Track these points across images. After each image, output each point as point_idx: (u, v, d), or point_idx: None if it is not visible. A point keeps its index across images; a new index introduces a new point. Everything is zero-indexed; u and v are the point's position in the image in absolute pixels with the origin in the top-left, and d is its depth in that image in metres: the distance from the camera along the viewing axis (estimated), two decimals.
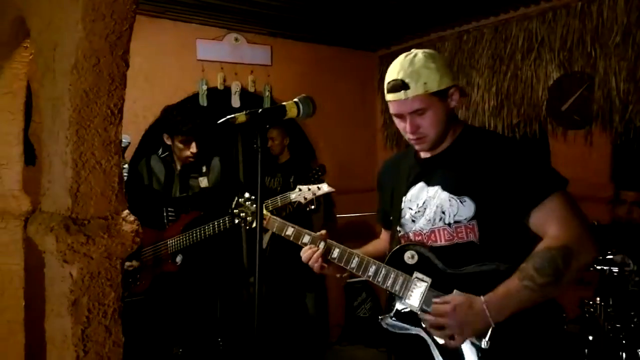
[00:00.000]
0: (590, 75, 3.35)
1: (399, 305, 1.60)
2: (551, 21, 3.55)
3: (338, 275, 1.80)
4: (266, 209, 1.82)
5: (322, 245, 1.74)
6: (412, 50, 1.59)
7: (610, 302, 2.75)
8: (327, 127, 4.68)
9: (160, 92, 3.81)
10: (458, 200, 1.54)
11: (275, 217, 1.91)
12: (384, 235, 1.94)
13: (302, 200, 2.73)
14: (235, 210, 2.13)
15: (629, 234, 2.99)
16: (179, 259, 2.82)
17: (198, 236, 2.74)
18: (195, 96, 4.00)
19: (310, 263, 1.75)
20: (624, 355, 2.67)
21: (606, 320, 2.72)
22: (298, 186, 2.78)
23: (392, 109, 1.58)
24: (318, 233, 1.79)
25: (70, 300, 1.34)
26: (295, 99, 1.40)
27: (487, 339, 1.42)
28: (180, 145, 2.83)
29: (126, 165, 2.58)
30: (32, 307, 2.33)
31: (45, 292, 1.46)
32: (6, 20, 2.03)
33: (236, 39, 4.17)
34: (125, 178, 2.78)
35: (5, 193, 2.37)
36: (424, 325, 1.53)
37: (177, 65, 3.92)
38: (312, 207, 2.77)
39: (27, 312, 2.39)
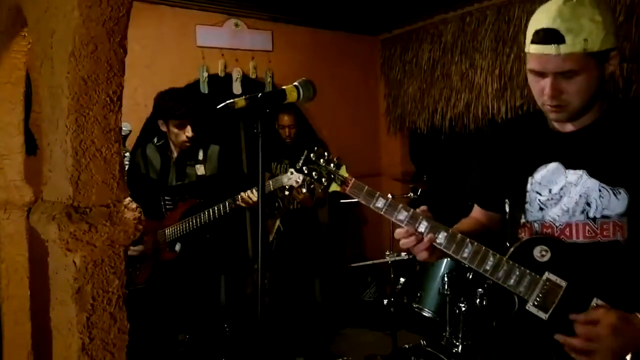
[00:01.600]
0: None
1: (520, 308, 1.34)
2: None
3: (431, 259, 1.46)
4: (347, 171, 1.52)
5: (423, 225, 1.38)
6: None
7: None
8: (330, 112, 4.66)
9: (161, 79, 3.79)
10: (611, 192, 1.28)
11: (361, 183, 1.50)
12: (478, 213, 1.63)
13: (294, 184, 2.57)
14: (304, 168, 1.60)
15: None
16: (177, 247, 2.82)
17: (195, 224, 2.73)
18: (195, 84, 3.98)
19: (413, 249, 1.41)
20: None
21: None
22: (290, 169, 2.56)
23: (534, 64, 1.29)
24: (419, 209, 1.44)
25: (74, 288, 1.34)
26: (295, 83, 1.38)
27: (629, 357, 1.22)
28: (176, 130, 2.79)
29: (127, 154, 2.58)
30: (38, 296, 2.35)
31: (50, 280, 1.47)
32: (3, 9, 2.01)
33: (236, 25, 4.14)
34: (127, 167, 2.78)
35: (8, 184, 2.38)
36: (562, 343, 1.27)
37: (177, 52, 3.90)
38: (304, 190, 2.67)
39: (33, 301, 2.41)
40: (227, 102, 1.29)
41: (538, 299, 1.31)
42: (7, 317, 2.36)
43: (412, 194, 3.73)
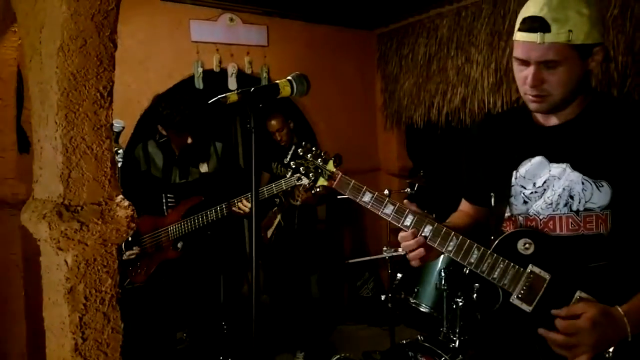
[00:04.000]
0: None
1: (504, 300, 1.34)
2: None
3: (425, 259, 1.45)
4: (334, 165, 1.52)
5: (409, 219, 1.39)
6: None
7: None
8: (326, 108, 4.63)
9: (155, 75, 3.76)
10: (594, 184, 1.28)
11: (348, 177, 1.51)
12: (467, 207, 1.64)
13: (297, 184, 2.65)
14: (292, 163, 1.58)
15: None
16: (179, 245, 2.80)
17: (200, 222, 2.71)
18: (190, 80, 3.94)
19: (410, 255, 1.42)
20: None
21: None
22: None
23: (519, 52, 1.29)
24: (405, 202, 1.44)
25: (66, 288, 1.32)
26: (289, 77, 1.36)
27: (612, 349, 1.22)
28: (176, 137, 2.80)
29: (121, 151, 2.54)
30: (32, 296, 2.33)
31: (42, 280, 1.45)
32: None
33: (231, 19, 4.10)
34: (120, 164, 2.74)
35: (0, 182, 2.35)
36: (544, 337, 1.27)
37: (171, 47, 3.86)
38: (318, 189, 2.67)
39: (27, 301, 2.39)
40: (219, 96, 1.27)
41: (522, 291, 1.31)
42: (4, 318, 2.34)
43: (409, 189, 3.72)
